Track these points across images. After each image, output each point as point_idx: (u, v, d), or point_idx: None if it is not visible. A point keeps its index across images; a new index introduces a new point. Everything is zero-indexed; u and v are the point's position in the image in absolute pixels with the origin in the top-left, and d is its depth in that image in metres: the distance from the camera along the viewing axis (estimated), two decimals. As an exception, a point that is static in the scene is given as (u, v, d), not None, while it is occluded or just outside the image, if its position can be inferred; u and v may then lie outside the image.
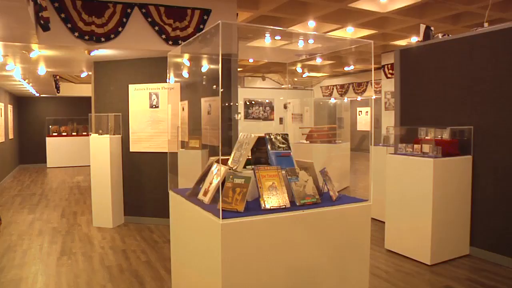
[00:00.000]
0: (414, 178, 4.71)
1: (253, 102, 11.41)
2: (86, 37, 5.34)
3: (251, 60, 13.36)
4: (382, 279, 4.23)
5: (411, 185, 4.75)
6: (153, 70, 6.36)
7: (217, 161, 2.61)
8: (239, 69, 15.47)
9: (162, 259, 4.89)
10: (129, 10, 5.55)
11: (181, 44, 5.67)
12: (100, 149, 6.19)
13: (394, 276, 4.33)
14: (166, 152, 5.75)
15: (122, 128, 6.49)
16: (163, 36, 5.74)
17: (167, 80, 4.10)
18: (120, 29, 5.51)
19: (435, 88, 5.32)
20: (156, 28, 5.70)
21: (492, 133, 4.71)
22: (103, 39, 5.43)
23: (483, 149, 4.80)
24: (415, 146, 4.89)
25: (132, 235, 5.89)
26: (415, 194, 4.70)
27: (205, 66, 4.78)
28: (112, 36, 5.49)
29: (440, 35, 5.46)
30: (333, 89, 18.15)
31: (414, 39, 9.86)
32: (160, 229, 6.16)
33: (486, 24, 5.18)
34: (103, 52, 5.95)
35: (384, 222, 5.23)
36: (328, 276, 2.54)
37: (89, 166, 6.44)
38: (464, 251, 4.89)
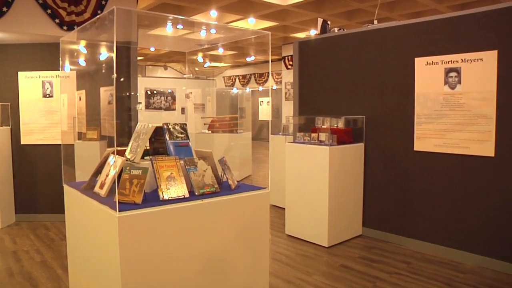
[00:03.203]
0: (311, 166, 4.94)
1: (154, 92, 11.16)
2: (-37, 17, 4.83)
3: (152, 49, 13.02)
4: (283, 263, 4.41)
5: (308, 172, 4.98)
6: (47, 56, 5.90)
7: (113, 152, 2.53)
8: (139, 58, 15.01)
9: (59, 258, 4.62)
10: (15, -11, 5.11)
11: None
12: (-15, 142, 5.67)
13: (294, 259, 4.53)
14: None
15: (12, 119, 5.98)
16: (57, 21, 5.38)
17: (61, 68, 3.85)
18: (4, 9, 5.03)
19: (331, 79, 5.61)
20: (49, 11, 5.32)
21: (380, 122, 5.10)
22: (-16, 21, 4.95)
23: (373, 137, 5.18)
24: (313, 134, 5.13)
25: (25, 234, 5.48)
26: (312, 180, 4.93)
27: (104, 54, 4.55)
28: (-5, 17, 5.02)
29: (336, 29, 5.74)
30: (235, 79, 18.39)
31: (312, 32, 10.31)
32: (57, 225, 5.82)
33: (375, 22, 5.56)
34: (-15, 35, 5.43)
35: (284, 209, 5.43)
36: (230, 263, 2.59)
37: (-27, 161, 5.87)
38: (357, 232, 5.26)
